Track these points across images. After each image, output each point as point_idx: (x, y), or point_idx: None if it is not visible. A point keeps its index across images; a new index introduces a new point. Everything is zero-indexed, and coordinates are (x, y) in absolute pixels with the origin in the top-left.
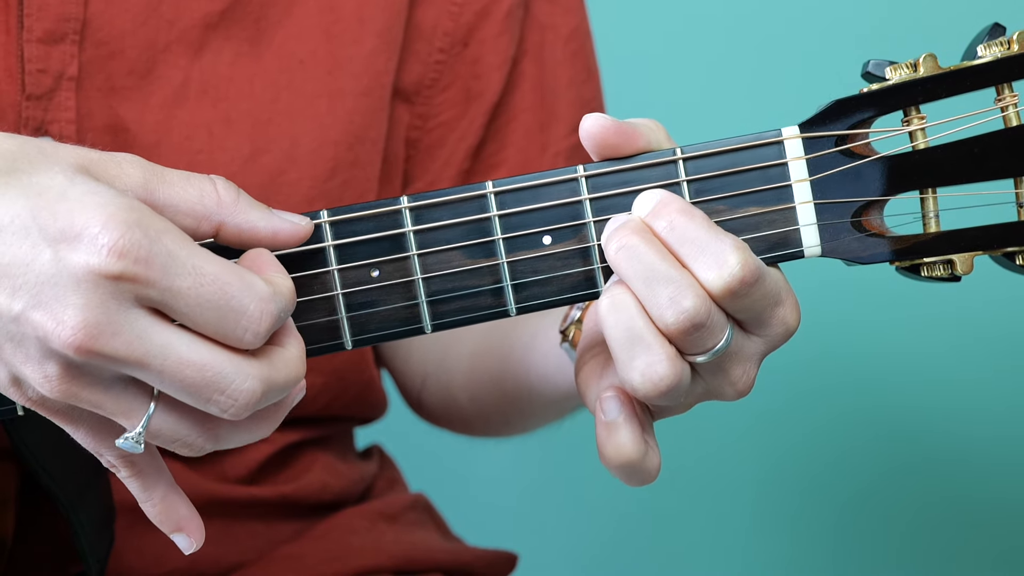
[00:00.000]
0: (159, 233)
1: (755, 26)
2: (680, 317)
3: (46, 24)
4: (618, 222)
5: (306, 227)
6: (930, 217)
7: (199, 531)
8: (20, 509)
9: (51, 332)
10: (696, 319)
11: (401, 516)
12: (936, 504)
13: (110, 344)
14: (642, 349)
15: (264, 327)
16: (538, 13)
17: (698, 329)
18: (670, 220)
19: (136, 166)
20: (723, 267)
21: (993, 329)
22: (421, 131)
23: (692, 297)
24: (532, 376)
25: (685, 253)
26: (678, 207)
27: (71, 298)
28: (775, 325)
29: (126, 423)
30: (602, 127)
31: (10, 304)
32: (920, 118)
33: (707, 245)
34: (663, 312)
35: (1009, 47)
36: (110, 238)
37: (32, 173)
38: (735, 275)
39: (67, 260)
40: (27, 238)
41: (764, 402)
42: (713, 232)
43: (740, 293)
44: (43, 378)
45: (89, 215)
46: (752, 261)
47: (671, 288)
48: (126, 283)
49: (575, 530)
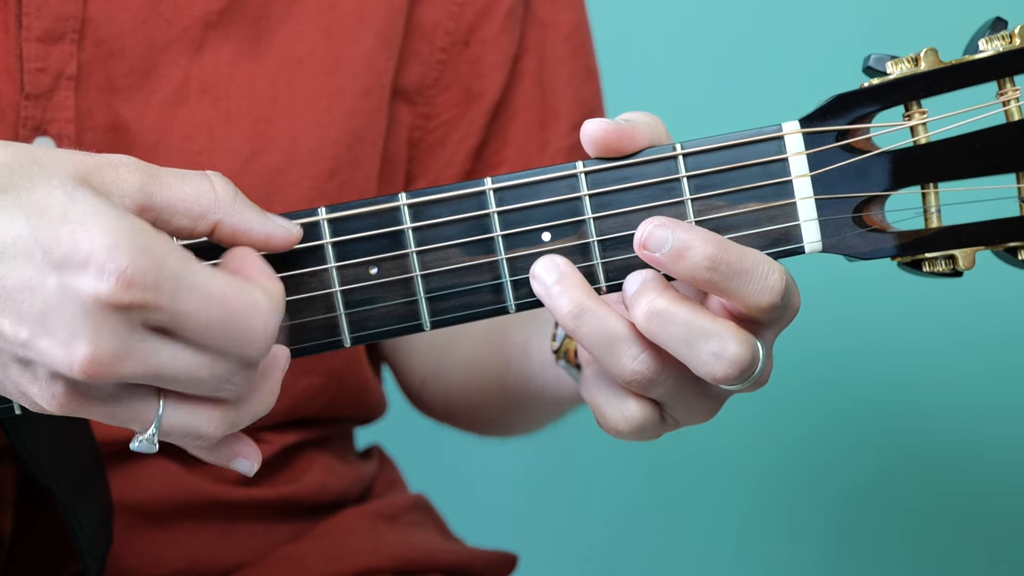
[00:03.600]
0: (165, 256)
1: (755, 21)
2: (642, 369)
3: (45, 23)
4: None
5: (296, 234)
6: (931, 212)
7: (255, 451)
8: (19, 509)
9: (60, 360)
10: (743, 365)
11: (401, 516)
12: (935, 501)
13: (123, 368)
14: (624, 345)
15: (270, 342)
16: (539, 10)
17: (744, 372)
18: (651, 306)
19: (133, 170)
20: (723, 356)
21: (995, 324)
22: (423, 131)
23: (735, 344)
24: (533, 388)
25: (674, 343)
26: (667, 295)
27: (80, 327)
28: (784, 323)
29: (138, 427)
30: (604, 131)
31: (16, 330)
32: (921, 113)
33: (705, 333)
34: (711, 369)
35: (1011, 41)
36: (117, 265)
37: (31, 189)
38: (737, 362)
39: (74, 287)
40: (30, 262)
41: (763, 399)
42: (706, 318)
43: (748, 374)
44: (51, 397)
45: (94, 240)
46: (749, 346)
47: (713, 343)
48: (135, 311)
49: (575, 530)
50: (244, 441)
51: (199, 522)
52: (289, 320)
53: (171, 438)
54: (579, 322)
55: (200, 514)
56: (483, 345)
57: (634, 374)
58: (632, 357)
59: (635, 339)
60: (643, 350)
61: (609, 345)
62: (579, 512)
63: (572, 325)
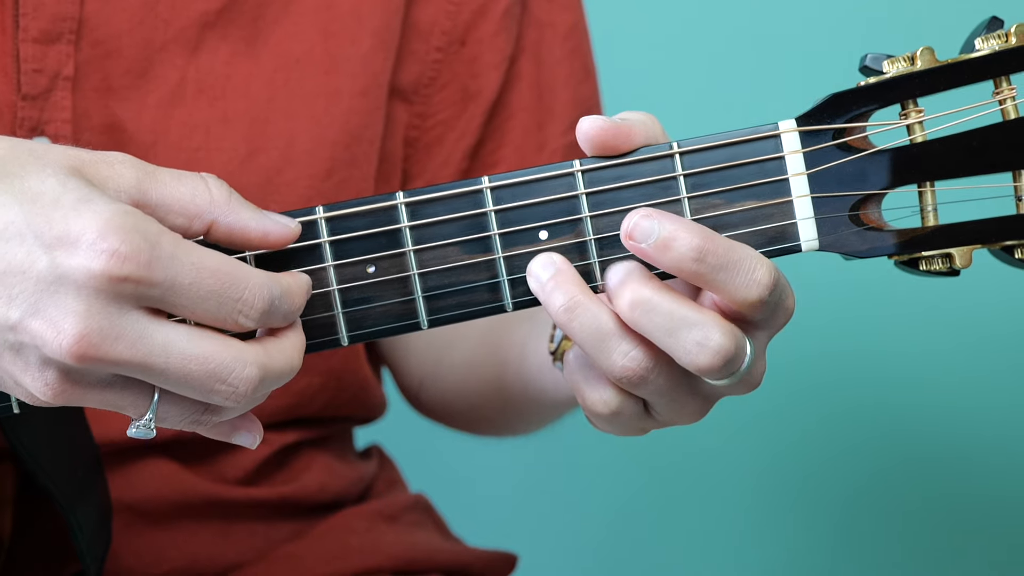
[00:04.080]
0: (157, 236)
1: (752, 20)
2: (632, 366)
3: (42, 24)
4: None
5: (295, 229)
6: (928, 211)
7: (256, 424)
8: (18, 509)
9: (50, 341)
10: (727, 355)
11: (401, 516)
12: (934, 502)
13: (113, 350)
14: (615, 341)
15: (258, 308)
16: (536, 10)
17: (728, 364)
18: (634, 296)
19: (128, 166)
20: (706, 346)
21: (992, 323)
22: (420, 130)
23: (719, 334)
24: (530, 391)
25: (655, 332)
26: (650, 286)
27: (71, 305)
28: (778, 322)
29: (133, 413)
30: (599, 128)
31: (7, 312)
32: (918, 111)
33: (689, 322)
34: (694, 358)
35: (1007, 40)
36: (110, 244)
37: (24, 177)
38: (720, 353)
39: (65, 265)
40: (22, 244)
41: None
42: (689, 308)
43: (729, 367)
44: (44, 385)
45: (85, 221)
46: (734, 336)
47: (697, 331)
48: (130, 284)
49: (575, 530)
50: (244, 415)
51: (198, 521)
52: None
53: (167, 423)
54: (571, 316)
55: (199, 513)
56: (481, 347)
57: (624, 370)
58: (623, 353)
59: (627, 335)
60: (635, 346)
61: (601, 340)
62: (579, 512)
63: (565, 319)
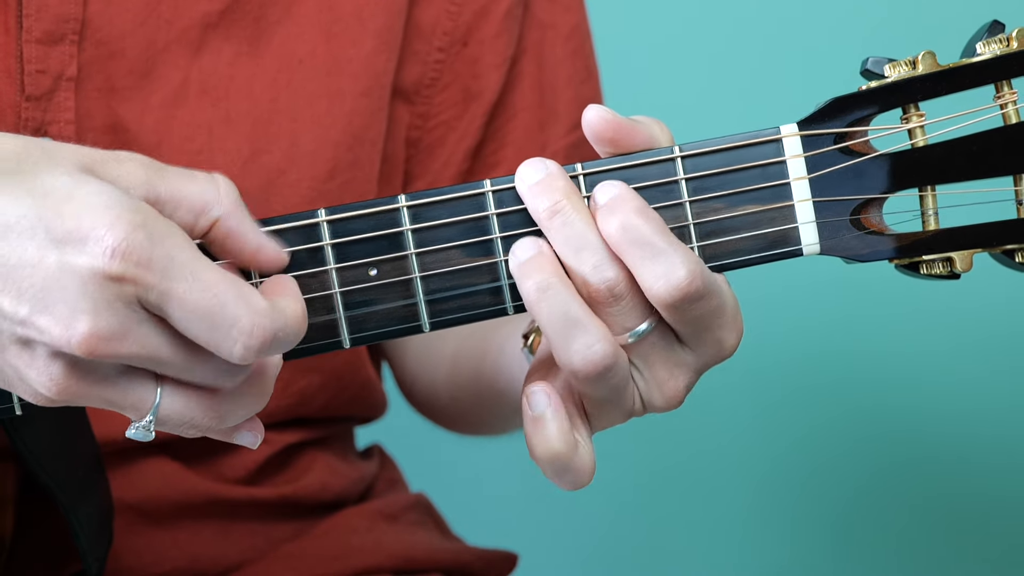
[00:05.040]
0: (162, 236)
1: (753, 24)
2: (601, 287)
3: (45, 24)
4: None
5: (284, 258)
6: (929, 215)
7: (257, 424)
8: (19, 508)
9: (59, 337)
10: (615, 289)
11: (401, 516)
12: (933, 502)
13: (122, 348)
14: (579, 331)
15: (256, 341)
16: (538, 11)
17: (617, 300)
18: (624, 219)
19: (138, 164)
20: (670, 277)
21: (993, 327)
22: (421, 131)
23: (611, 269)
24: (501, 381)
25: (633, 255)
26: (634, 207)
27: (79, 303)
28: (709, 344)
29: (134, 415)
30: (601, 119)
31: (16, 308)
32: (919, 115)
33: (659, 252)
34: (587, 277)
35: (1008, 44)
36: (114, 238)
37: (37, 174)
38: (680, 287)
39: (73, 263)
40: (33, 239)
41: (761, 400)
42: (667, 239)
43: (680, 307)
44: (49, 380)
45: (96, 216)
46: (700, 278)
47: (594, 255)
48: (128, 284)
49: (575, 530)
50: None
51: (199, 521)
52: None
53: (167, 427)
54: (542, 296)
55: (200, 513)
56: (469, 338)
57: (585, 362)
58: (587, 345)
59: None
60: (598, 339)
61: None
62: (579, 512)
63: (535, 298)
